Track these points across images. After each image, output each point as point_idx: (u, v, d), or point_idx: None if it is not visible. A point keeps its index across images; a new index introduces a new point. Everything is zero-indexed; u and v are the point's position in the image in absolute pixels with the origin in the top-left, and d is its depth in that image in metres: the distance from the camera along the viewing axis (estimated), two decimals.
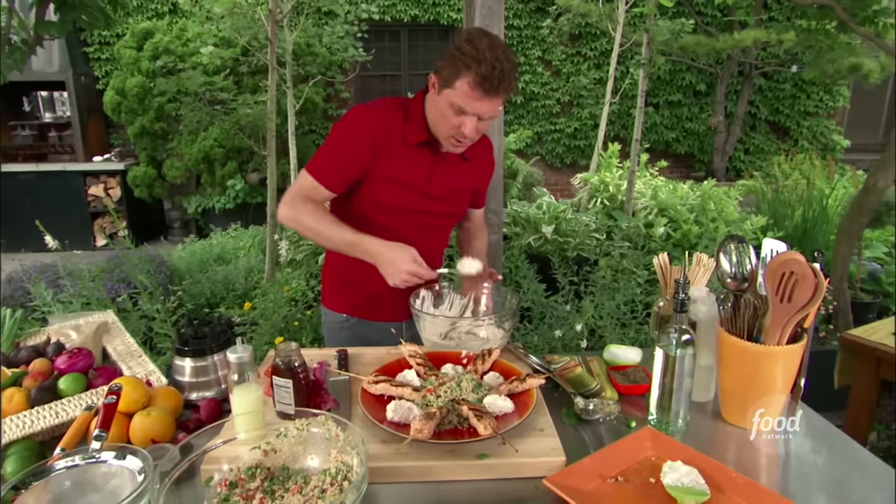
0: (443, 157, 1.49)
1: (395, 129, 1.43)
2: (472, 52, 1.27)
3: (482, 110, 1.33)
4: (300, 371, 1.10)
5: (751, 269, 1.11)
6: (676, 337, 1.10)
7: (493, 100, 1.31)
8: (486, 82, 1.27)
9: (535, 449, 1.02)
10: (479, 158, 1.59)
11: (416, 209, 1.49)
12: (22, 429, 1.05)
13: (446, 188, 1.51)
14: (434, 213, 1.53)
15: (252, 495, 0.90)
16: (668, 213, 3.59)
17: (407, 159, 1.44)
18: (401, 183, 1.45)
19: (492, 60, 1.27)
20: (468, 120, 1.34)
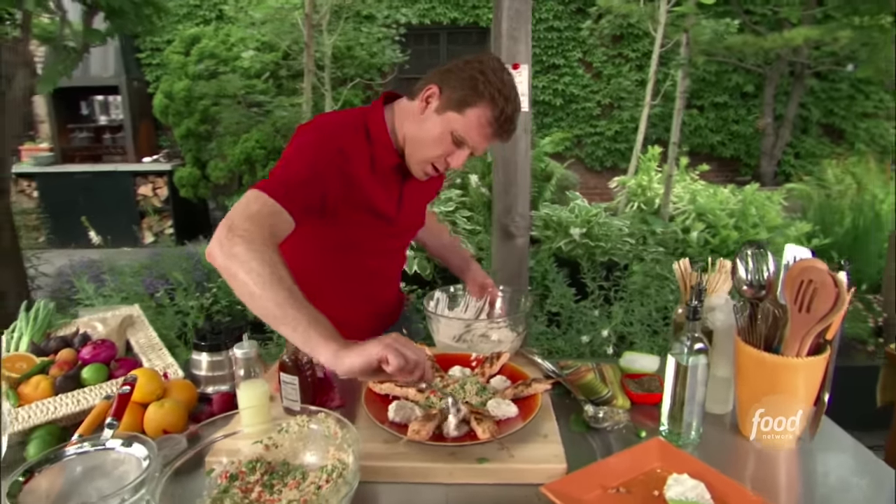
0: (408, 184, 1.31)
1: (360, 151, 1.20)
2: (499, 84, 1.13)
3: (481, 148, 1.19)
4: (306, 368, 1.11)
5: (768, 277, 1.06)
6: (689, 345, 1.06)
7: (496, 142, 1.21)
8: (502, 124, 1.15)
9: (537, 455, 1.00)
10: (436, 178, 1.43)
11: (383, 237, 1.33)
12: (45, 414, 1.10)
13: (413, 212, 1.39)
14: (400, 237, 1.43)
15: (251, 488, 0.91)
16: (707, 219, 3.48)
17: (375, 186, 1.23)
18: (371, 212, 1.24)
19: (514, 103, 1.16)
20: (461, 154, 1.18)
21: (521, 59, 2.21)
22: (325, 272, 1.33)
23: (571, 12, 6.74)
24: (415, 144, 1.20)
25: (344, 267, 1.33)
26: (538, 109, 7.04)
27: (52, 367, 1.20)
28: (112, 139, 6.35)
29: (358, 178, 1.19)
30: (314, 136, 1.18)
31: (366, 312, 1.45)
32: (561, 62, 6.89)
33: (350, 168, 1.18)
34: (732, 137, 7.05)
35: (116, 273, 2.71)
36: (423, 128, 1.17)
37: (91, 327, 1.35)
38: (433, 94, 1.16)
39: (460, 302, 1.51)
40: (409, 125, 1.20)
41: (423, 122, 1.17)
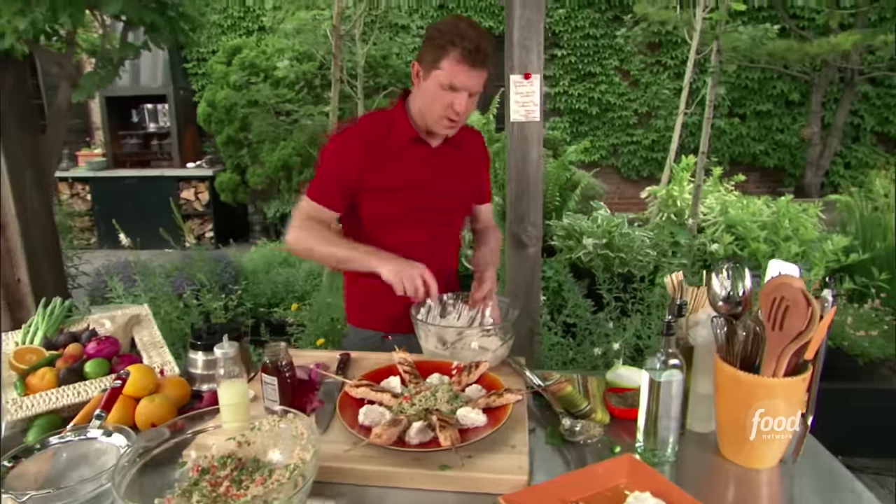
0: (437, 153, 1.52)
1: (379, 138, 1.47)
2: (454, 29, 1.34)
3: (471, 84, 1.36)
4: (286, 370, 1.16)
5: (745, 293, 1.04)
6: (662, 360, 1.05)
7: (480, 73, 1.36)
8: (472, 55, 1.33)
9: (500, 465, 1.01)
10: (472, 148, 1.62)
11: (418, 206, 1.50)
12: (47, 404, 1.18)
13: (446, 181, 1.53)
14: (438, 208, 1.54)
15: (220, 482, 0.95)
16: (736, 231, 3.38)
17: (400, 162, 1.47)
18: (398, 188, 1.47)
19: (475, 36, 1.34)
20: (459, 96, 1.37)
21: (532, 69, 2.21)
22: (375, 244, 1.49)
23: (608, 20, 6.67)
24: (424, 109, 1.44)
25: (391, 238, 1.49)
26: (573, 118, 6.98)
27: (58, 361, 1.28)
28: (159, 145, 6.66)
29: (382, 156, 1.45)
30: (337, 139, 1.49)
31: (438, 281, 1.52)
32: (597, 70, 6.82)
33: (372, 152, 1.45)
34: (776, 147, 6.81)
35: (148, 274, 2.85)
36: (423, 96, 1.42)
37: (100, 324, 1.44)
38: (417, 70, 1.42)
39: (451, 311, 1.52)
40: (416, 100, 1.46)
41: (421, 92, 1.43)
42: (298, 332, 2.85)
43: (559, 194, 3.92)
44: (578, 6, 6.66)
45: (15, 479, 0.92)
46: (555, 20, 6.69)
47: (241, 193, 6.28)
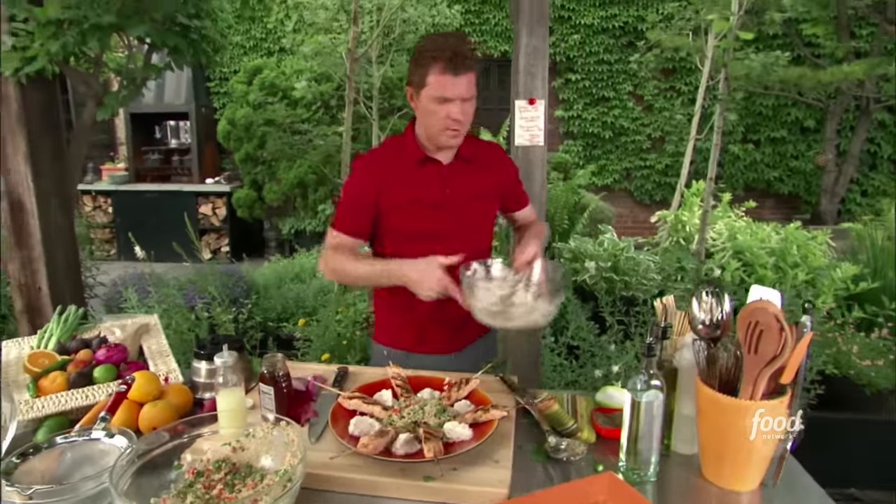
0: (451, 169, 1.55)
1: (392, 160, 1.54)
2: (431, 45, 1.41)
3: (459, 90, 1.40)
4: (282, 380, 1.21)
5: (723, 317, 1.07)
6: (644, 381, 1.08)
7: (465, 77, 1.40)
8: (452, 63, 1.38)
9: (482, 478, 1.04)
10: (489, 162, 1.63)
11: (437, 226, 1.52)
12: (57, 406, 1.24)
13: (461, 195, 1.54)
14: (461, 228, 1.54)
15: (214, 485, 1.00)
16: (744, 257, 3.38)
17: (415, 180, 1.52)
18: (415, 202, 1.51)
19: (452, 44, 1.39)
20: (453, 105, 1.41)
21: (537, 95, 2.28)
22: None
23: (622, 46, 6.75)
24: (426, 126, 1.50)
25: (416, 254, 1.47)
26: (587, 141, 7.03)
27: (69, 365, 1.35)
28: (180, 161, 6.84)
29: (396, 179, 1.51)
30: (355, 168, 1.57)
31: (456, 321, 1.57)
32: (611, 94, 6.88)
33: (386, 173, 1.52)
34: (791, 174, 6.78)
35: (162, 286, 2.94)
36: (421, 115, 1.49)
37: (111, 332, 1.50)
38: (410, 93, 1.50)
39: (497, 274, 1.48)
40: (418, 121, 1.54)
41: (419, 112, 1.50)
42: (305, 346, 2.90)
43: (567, 217, 3.96)
44: (593, 32, 6.76)
45: (23, 474, 0.98)
46: (569, 45, 6.79)
47: (257, 210, 6.41)
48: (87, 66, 2.80)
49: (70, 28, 2.24)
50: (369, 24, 4.28)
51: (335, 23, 4.17)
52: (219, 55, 3.15)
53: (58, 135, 2.74)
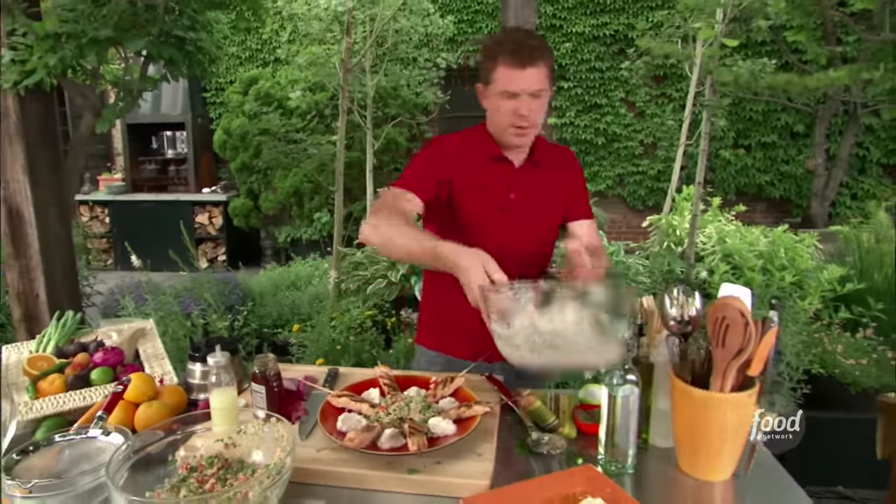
0: (520, 173, 1.51)
1: (472, 146, 1.50)
2: (496, 40, 1.40)
3: (527, 84, 1.36)
4: (273, 380, 1.25)
5: (694, 314, 1.12)
6: (620, 376, 1.13)
7: (533, 69, 1.35)
8: (517, 55, 1.35)
9: (465, 471, 1.08)
10: (558, 164, 1.57)
11: (501, 224, 1.48)
12: (55, 407, 1.29)
13: (529, 202, 1.50)
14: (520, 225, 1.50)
15: (206, 480, 1.04)
16: (733, 260, 3.44)
17: (486, 172, 1.49)
18: (483, 192, 1.47)
19: (516, 37, 1.38)
20: (521, 101, 1.38)
21: None
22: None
23: (613, 53, 6.84)
24: (494, 123, 1.47)
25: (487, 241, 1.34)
26: (580, 148, 7.11)
27: (67, 368, 1.39)
28: (176, 171, 6.89)
29: (467, 165, 1.47)
30: (428, 146, 1.54)
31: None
32: (603, 101, 6.96)
33: (464, 155, 1.48)
34: (782, 178, 6.86)
35: (159, 293, 2.98)
36: (490, 112, 1.47)
37: (107, 336, 1.55)
38: (480, 90, 1.48)
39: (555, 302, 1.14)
40: (489, 120, 1.51)
41: (489, 109, 1.47)
42: (300, 352, 2.94)
43: None
44: (584, 40, 6.85)
45: (22, 471, 1.02)
46: (561, 53, 6.87)
47: (253, 218, 6.46)
48: (85, 78, 2.85)
49: (68, 42, 2.30)
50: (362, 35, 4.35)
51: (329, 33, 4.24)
52: (214, 66, 3.20)
53: (55, 146, 2.79)
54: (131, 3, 2.40)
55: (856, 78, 4.67)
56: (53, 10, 2.39)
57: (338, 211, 3.81)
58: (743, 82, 4.27)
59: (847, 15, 4.77)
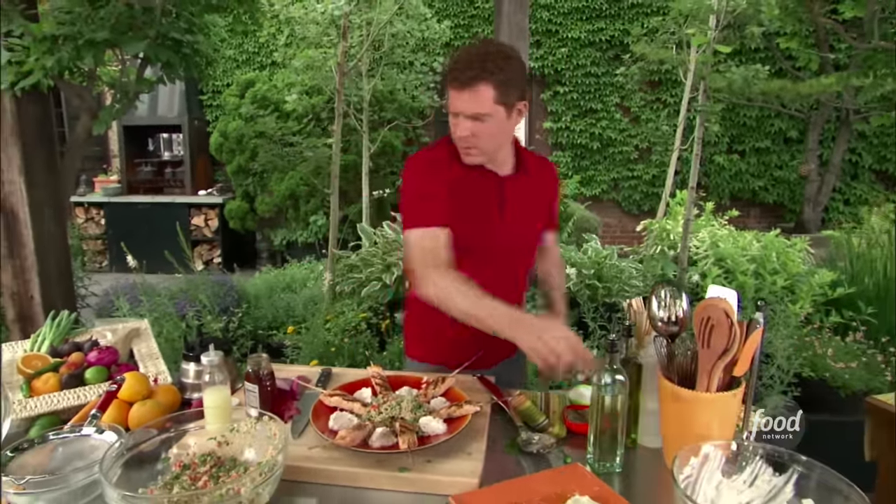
0: (508, 182, 1.48)
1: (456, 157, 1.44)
2: (453, 57, 1.36)
3: (463, 106, 1.33)
4: (266, 380, 1.26)
5: (681, 314, 1.14)
6: (607, 376, 1.15)
7: (466, 91, 1.31)
8: (455, 77, 1.31)
9: (454, 469, 1.10)
10: (541, 178, 1.55)
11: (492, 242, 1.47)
12: (49, 405, 1.30)
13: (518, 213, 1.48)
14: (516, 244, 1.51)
15: (199, 477, 1.05)
16: (725, 264, 3.47)
17: (472, 186, 1.44)
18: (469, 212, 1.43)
19: (464, 58, 1.32)
20: (459, 122, 1.35)
21: None
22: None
23: (609, 59, 6.89)
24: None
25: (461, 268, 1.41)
26: (575, 153, 7.15)
27: (62, 367, 1.40)
28: (173, 173, 6.90)
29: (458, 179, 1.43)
30: (418, 165, 1.47)
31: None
32: (599, 106, 7.01)
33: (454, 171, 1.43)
34: (776, 183, 6.91)
35: (154, 295, 2.99)
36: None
37: (102, 336, 1.55)
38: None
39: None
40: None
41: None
42: (294, 354, 2.95)
43: None
44: (580, 45, 6.90)
45: (16, 468, 1.03)
46: (557, 58, 6.92)
47: (249, 221, 6.47)
48: (82, 80, 2.86)
49: (65, 44, 2.31)
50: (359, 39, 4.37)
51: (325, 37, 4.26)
52: (211, 69, 3.23)
53: (51, 147, 2.80)
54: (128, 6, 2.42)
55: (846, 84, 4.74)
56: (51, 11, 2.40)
57: (333, 214, 3.83)
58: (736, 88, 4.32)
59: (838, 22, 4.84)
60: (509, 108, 1.35)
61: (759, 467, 0.96)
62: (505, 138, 1.42)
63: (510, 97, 1.34)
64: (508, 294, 1.40)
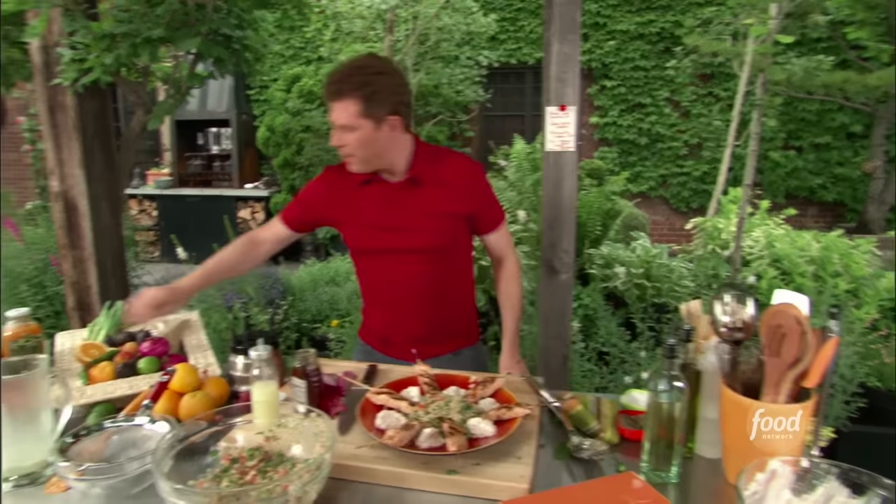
0: (397, 190, 1.51)
1: (343, 177, 1.54)
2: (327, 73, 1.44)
3: (334, 117, 1.40)
4: (313, 375, 1.26)
5: (747, 319, 1.07)
6: (665, 382, 1.09)
7: (334, 104, 1.39)
8: (328, 90, 1.39)
9: (504, 474, 1.07)
10: (446, 181, 1.53)
11: (386, 248, 1.54)
12: (105, 393, 1.33)
13: (409, 218, 1.52)
14: (410, 249, 1.53)
15: (247, 472, 1.05)
16: (782, 265, 3.30)
17: (360, 199, 1.54)
18: (359, 223, 1.55)
19: (335, 71, 1.40)
20: (335, 131, 1.43)
21: (568, 101, 2.29)
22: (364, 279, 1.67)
23: (659, 52, 6.68)
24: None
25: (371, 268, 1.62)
26: (622, 148, 6.98)
27: (116, 356, 1.43)
28: (221, 166, 7.07)
29: (346, 196, 1.55)
30: (324, 171, 1.63)
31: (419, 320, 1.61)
32: (647, 101, 6.81)
33: (339, 188, 1.56)
34: (836, 181, 6.58)
35: None
36: None
37: (154, 326, 1.59)
38: None
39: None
40: None
41: None
42: (338, 347, 2.97)
43: (600, 223, 3.95)
44: (629, 38, 6.72)
45: (75, 453, 1.06)
46: (605, 51, 6.76)
47: None
48: (137, 76, 2.94)
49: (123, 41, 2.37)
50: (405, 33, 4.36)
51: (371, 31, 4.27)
52: (259, 64, 3.26)
53: (109, 141, 2.89)
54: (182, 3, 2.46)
55: None
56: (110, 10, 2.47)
57: None
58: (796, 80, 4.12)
59: None
60: (378, 121, 1.39)
61: (833, 487, 0.90)
62: (381, 149, 1.45)
63: (377, 111, 1.38)
64: (424, 294, 1.57)
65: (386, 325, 1.65)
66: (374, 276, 1.63)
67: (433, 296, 1.59)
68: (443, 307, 1.63)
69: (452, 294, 1.65)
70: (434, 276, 1.58)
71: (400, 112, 1.43)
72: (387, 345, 1.67)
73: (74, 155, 2.73)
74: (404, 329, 1.62)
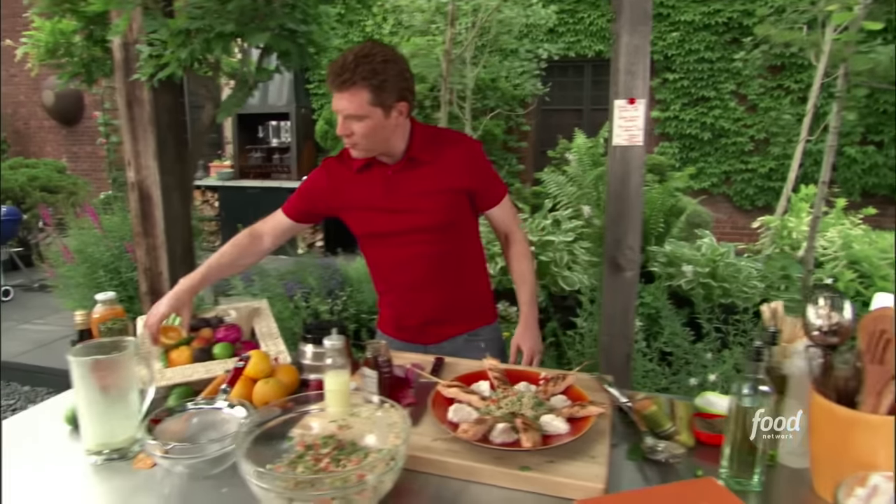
0: (396, 172, 1.53)
1: (342, 165, 1.59)
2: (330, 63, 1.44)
3: (338, 106, 1.41)
4: (384, 366, 1.27)
5: (843, 323, 1.01)
6: (749, 386, 1.04)
7: (342, 94, 1.39)
8: (334, 80, 1.39)
9: (578, 472, 1.04)
10: (443, 159, 1.54)
11: (389, 230, 1.57)
12: (183, 376, 1.38)
13: (409, 198, 1.53)
14: (412, 229, 1.55)
15: (321, 458, 1.07)
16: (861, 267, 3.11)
17: (359, 185, 1.56)
18: (361, 208, 1.57)
19: (341, 61, 1.39)
20: (339, 120, 1.43)
21: (637, 94, 2.22)
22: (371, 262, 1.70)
23: (725, 42, 6.41)
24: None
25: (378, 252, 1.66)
26: (683, 143, 6.75)
27: (194, 341, 1.49)
28: (280, 159, 7.26)
29: (345, 183, 1.58)
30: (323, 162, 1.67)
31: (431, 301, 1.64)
32: (711, 94, 6.55)
33: (336, 177, 1.59)
34: None
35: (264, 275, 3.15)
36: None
37: (226, 313, 1.64)
38: None
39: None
40: None
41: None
42: None
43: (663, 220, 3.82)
44: (693, 29, 6.47)
45: (159, 432, 1.10)
46: (668, 43, 6.54)
47: None
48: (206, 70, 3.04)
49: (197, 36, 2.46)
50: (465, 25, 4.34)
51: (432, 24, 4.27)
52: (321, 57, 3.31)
53: (180, 134, 3.01)
54: None
55: None
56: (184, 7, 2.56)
57: None
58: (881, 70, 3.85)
59: None
60: (387, 108, 1.41)
61: None
62: (389, 134, 1.47)
63: (386, 99, 1.40)
64: (433, 275, 1.59)
65: (399, 310, 1.69)
66: (382, 261, 1.65)
67: (442, 276, 1.61)
68: (453, 287, 1.64)
69: (462, 274, 1.66)
70: (441, 256, 1.59)
71: (406, 98, 1.45)
72: (401, 330, 1.70)
73: (150, 147, 2.85)
74: (417, 312, 1.64)
